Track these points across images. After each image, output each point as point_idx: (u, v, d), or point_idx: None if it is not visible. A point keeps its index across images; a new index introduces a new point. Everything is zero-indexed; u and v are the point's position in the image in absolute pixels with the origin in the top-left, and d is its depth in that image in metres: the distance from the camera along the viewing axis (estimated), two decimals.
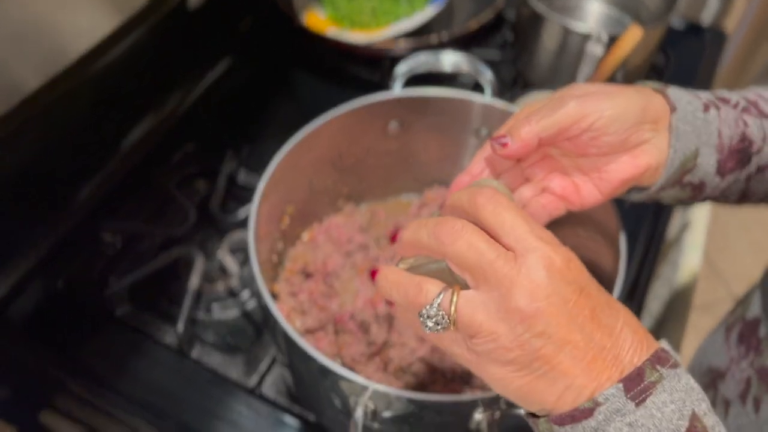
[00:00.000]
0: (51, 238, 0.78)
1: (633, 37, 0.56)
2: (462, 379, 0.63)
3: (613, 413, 0.33)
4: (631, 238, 0.82)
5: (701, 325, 1.93)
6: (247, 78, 1.01)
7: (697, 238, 1.04)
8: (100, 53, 0.74)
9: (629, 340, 0.35)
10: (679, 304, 1.03)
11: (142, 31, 0.78)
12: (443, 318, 0.36)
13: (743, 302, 0.68)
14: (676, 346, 0.96)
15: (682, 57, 1.05)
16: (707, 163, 0.49)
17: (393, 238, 0.72)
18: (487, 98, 0.66)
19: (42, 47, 0.66)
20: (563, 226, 0.70)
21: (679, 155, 0.47)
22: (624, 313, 0.36)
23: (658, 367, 0.34)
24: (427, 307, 0.36)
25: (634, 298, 0.79)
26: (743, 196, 0.53)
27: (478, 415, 0.48)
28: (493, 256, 0.35)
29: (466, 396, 0.47)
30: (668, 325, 1.01)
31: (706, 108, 0.49)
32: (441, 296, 0.36)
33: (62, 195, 0.80)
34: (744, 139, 0.50)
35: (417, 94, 0.66)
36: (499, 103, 0.65)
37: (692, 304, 1.03)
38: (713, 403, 0.66)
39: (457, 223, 0.37)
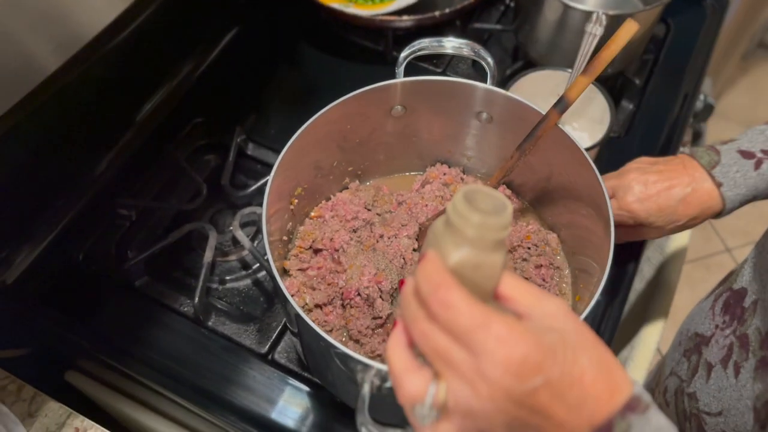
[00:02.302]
0: (70, 213, 0.81)
1: (628, 31, 0.58)
2: None
3: None
4: None
5: (695, 277, 1.99)
6: (253, 49, 1.03)
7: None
8: (114, 32, 0.76)
9: (594, 402, 0.38)
10: (670, 268, 1.07)
11: (152, 8, 0.80)
12: (431, 411, 0.39)
13: (733, 274, 0.72)
14: (666, 308, 1.01)
15: (682, 26, 1.06)
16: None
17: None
18: (488, 83, 0.69)
19: (60, 30, 0.68)
20: (557, 203, 0.74)
21: (736, 204, 0.68)
22: (591, 373, 0.38)
23: (628, 414, 0.37)
24: (417, 405, 0.39)
25: (627, 264, 0.83)
26: None
27: None
28: (452, 356, 0.37)
29: None
30: (659, 288, 1.05)
31: (758, 165, 0.63)
32: (431, 390, 0.39)
33: (79, 170, 0.84)
34: None
35: (421, 80, 0.68)
36: (501, 90, 0.68)
37: (686, 258, 1.07)
38: (696, 366, 0.71)
39: (419, 324, 0.39)
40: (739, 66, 2.37)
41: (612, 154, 0.90)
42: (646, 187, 0.69)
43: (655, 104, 0.96)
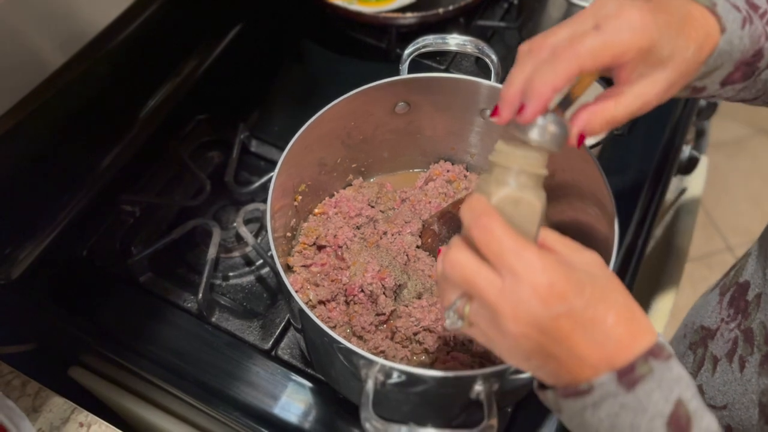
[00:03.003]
0: (74, 209, 0.82)
1: None
2: (464, 346, 0.67)
3: (607, 395, 0.39)
4: (630, 202, 0.86)
5: (696, 276, 1.99)
6: (257, 46, 1.03)
7: (692, 203, 1.07)
8: (118, 29, 0.76)
9: (616, 343, 0.40)
10: (674, 262, 1.07)
11: (156, 4, 0.80)
12: (457, 320, 0.43)
13: (739, 265, 0.71)
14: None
15: None
16: (718, 75, 0.51)
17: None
18: (492, 81, 0.69)
19: (65, 27, 0.68)
20: (561, 201, 0.74)
21: (705, 69, 0.49)
22: (614, 314, 0.40)
23: (651, 359, 0.39)
24: (447, 309, 0.43)
25: (631, 258, 0.83)
26: (734, 98, 0.56)
27: (478, 387, 0.53)
28: (478, 280, 0.40)
29: (467, 372, 0.52)
30: (663, 279, 1.06)
31: (744, 23, 0.50)
32: (457, 303, 0.42)
33: (83, 166, 0.84)
34: (757, 54, 0.51)
35: (424, 76, 0.69)
36: None
37: (688, 256, 1.08)
38: (702, 360, 0.71)
39: (450, 253, 0.42)
40: None
41: (615, 151, 0.90)
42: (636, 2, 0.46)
43: None
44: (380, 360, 0.52)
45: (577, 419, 0.42)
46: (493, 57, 0.69)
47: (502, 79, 0.70)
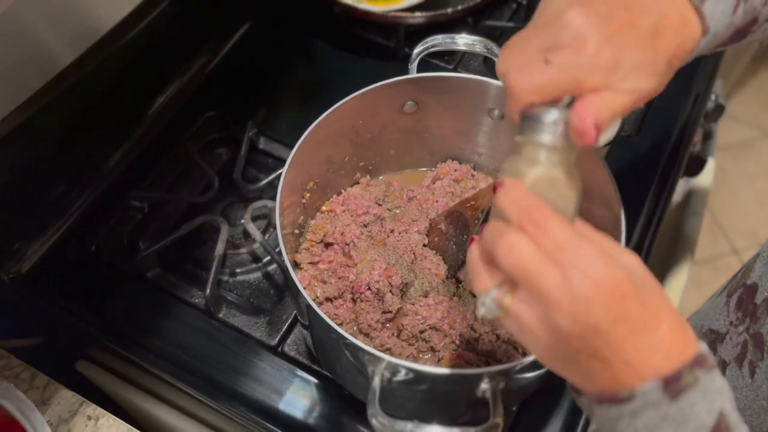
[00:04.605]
0: (83, 205, 0.82)
1: None
2: (470, 344, 0.68)
3: (649, 404, 0.37)
4: (637, 204, 0.86)
5: (702, 278, 1.98)
6: (265, 44, 1.03)
7: (698, 205, 1.07)
8: (128, 26, 0.77)
9: (666, 351, 0.38)
10: (679, 264, 1.07)
11: (166, 2, 0.81)
12: (496, 308, 0.40)
13: (746, 268, 0.71)
14: (674, 301, 1.01)
15: None
16: (706, 47, 0.49)
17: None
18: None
19: (76, 24, 0.69)
20: None
21: (687, 58, 0.47)
22: (669, 321, 0.38)
23: (697, 369, 0.37)
24: (483, 295, 0.40)
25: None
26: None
27: (484, 385, 0.54)
28: (537, 270, 0.37)
29: (474, 370, 0.52)
30: (669, 282, 1.06)
31: (736, 8, 0.48)
32: (495, 291, 0.40)
33: (93, 162, 0.85)
34: (751, 22, 0.50)
35: (433, 76, 0.69)
36: None
37: (694, 258, 1.07)
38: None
39: (507, 236, 0.39)
40: (749, 68, 2.37)
41: (623, 153, 0.91)
42: (599, 22, 0.42)
43: (666, 104, 0.96)
44: (387, 357, 0.52)
45: (608, 427, 0.40)
46: None
47: None
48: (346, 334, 0.53)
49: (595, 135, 0.41)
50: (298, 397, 0.72)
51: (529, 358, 0.52)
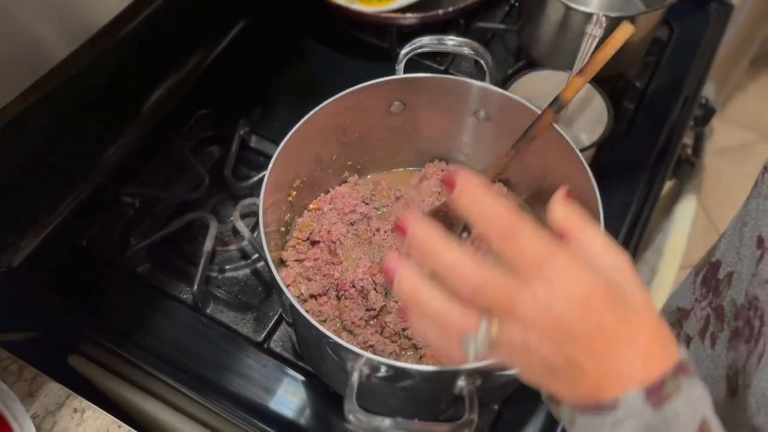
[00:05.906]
0: (75, 200, 0.83)
1: (624, 33, 0.59)
2: None
3: (631, 413, 0.36)
4: (623, 206, 0.87)
5: None
6: (259, 43, 1.04)
7: (687, 208, 1.08)
8: (123, 22, 0.77)
9: (649, 359, 0.37)
10: (667, 268, 1.08)
11: None
12: (487, 347, 0.38)
13: (713, 247, 0.72)
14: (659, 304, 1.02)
15: (685, 30, 1.06)
16: None
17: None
18: (486, 82, 0.70)
19: (71, 18, 0.69)
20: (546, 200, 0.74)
21: None
22: (649, 328, 0.38)
23: (680, 376, 0.37)
24: (470, 339, 0.38)
25: None
26: None
27: (461, 382, 0.54)
28: (510, 297, 0.36)
29: (449, 367, 0.53)
30: (654, 285, 1.06)
31: None
32: (483, 327, 0.38)
33: (85, 158, 0.85)
34: None
35: (417, 77, 0.70)
36: (497, 88, 0.69)
37: (686, 263, 1.08)
38: (677, 339, 0.71)
39: (467, 269, 0.37)
40: (749, 71, 2.36)
41: (612, 155, 0.91)
42: None
43: (655, 106, 0.97)
44: (365, 353, 0.53)
45: None
46: (488, 58, 0.70)
47: (499, 82, 0.71)
48: (326, 331, 0.54)
49: None
50: (283, 394, 0.73)
51: None
